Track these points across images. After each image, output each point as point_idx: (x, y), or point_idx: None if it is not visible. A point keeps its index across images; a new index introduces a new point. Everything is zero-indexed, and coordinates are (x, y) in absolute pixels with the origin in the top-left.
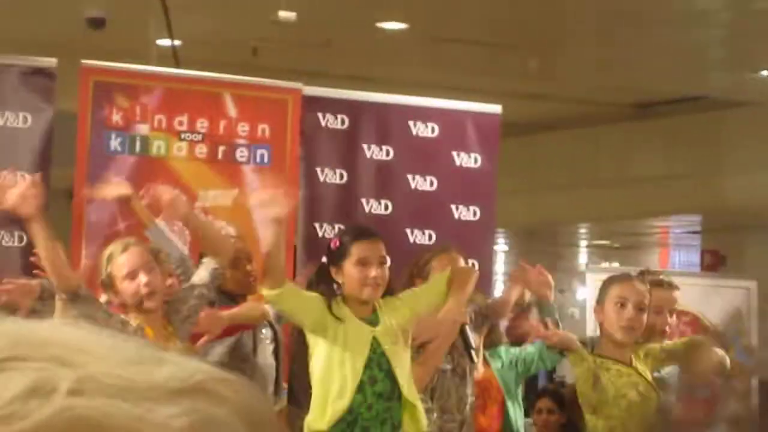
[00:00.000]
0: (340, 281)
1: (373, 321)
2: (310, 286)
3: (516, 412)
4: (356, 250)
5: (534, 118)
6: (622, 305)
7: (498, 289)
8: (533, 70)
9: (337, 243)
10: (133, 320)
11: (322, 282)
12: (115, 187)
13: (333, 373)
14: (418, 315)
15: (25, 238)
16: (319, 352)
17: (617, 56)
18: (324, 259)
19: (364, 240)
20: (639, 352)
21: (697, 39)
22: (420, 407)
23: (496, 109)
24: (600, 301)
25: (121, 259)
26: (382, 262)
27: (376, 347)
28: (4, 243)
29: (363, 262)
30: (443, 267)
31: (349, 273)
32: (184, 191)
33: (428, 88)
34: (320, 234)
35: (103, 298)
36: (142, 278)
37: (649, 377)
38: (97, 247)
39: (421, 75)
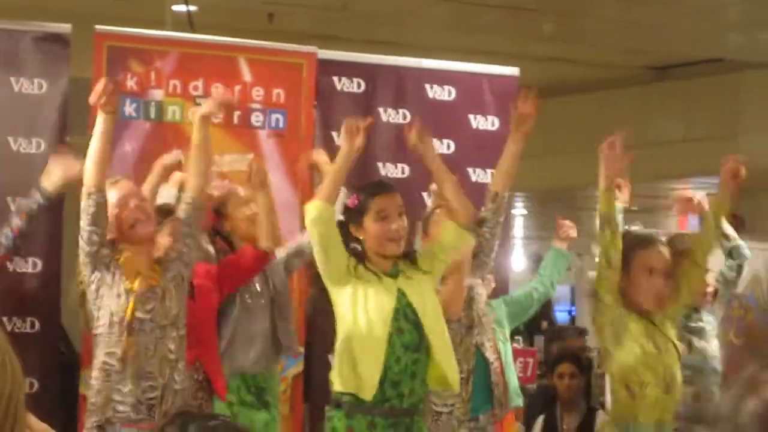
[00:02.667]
0: (361, 238)
1: (394, 274)
2: None
3: (506, 347)
4: (375, 205)
5: (552, 81)
6: (651, 273)
7: (517, 254)
8: (551, 33)
9: (355, 200)
10: (124, 251)
11: (343, 240)
12: None
13: (361, 328)
14: (430, 268)
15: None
16: (343, 305)
17: (635, 19)
18: (341, 218)
19: (382, 193)
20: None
21: (714, 0)
22: (449, 366)
23: (513, 71)
24: (623, 267)
25: (112, 192)
26: (401, 213)
27: (402, 298)
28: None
29: (383, 216)
30: (447, 215)
31: (370, 228)
32: None
33: (444, 51)
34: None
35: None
36: (132, 202)
37: (671, 334)
38: None
39: (437, 38)
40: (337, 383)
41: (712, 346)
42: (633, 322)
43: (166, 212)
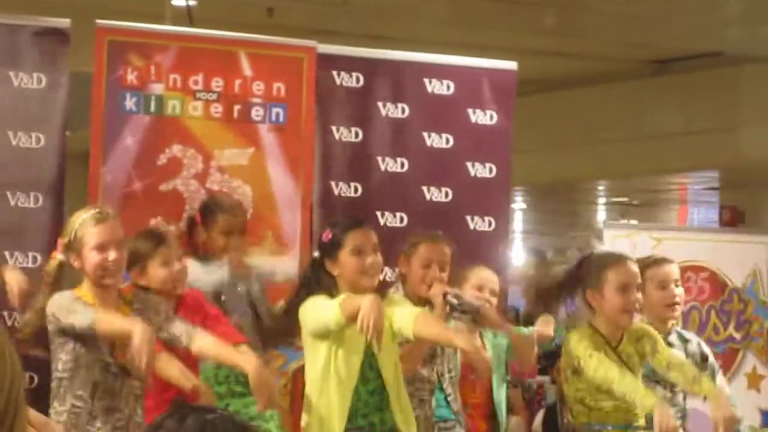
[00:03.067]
0: (335, 273)
1: None
2: (305, 281)
3: (500, 391)
4: (351, 240)
5: (550, 74)
6: (625, 290)
7: (516, 247)
8: (549, 27)
9: (329, 235)
10: (86, 290)
11: (318, 275)
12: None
13: (331, 385)
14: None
15: (41, 199)
16: (318, 361)
17: (634, 12)
18: (316, 254)
19: (358, 229)
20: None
21: None
22: (406, 421)
23: (511, 65)
24: (594, 285)
25: (96, 231)
26: (376, 250)
27: (367, 349)
28: (20, 204)
29: (358, 251)
30: (429, 255)
31: (345, 263)
32: (200, 151)
33: (443, 45)
34: (336, 192)
35: (60, 257)
36: (111, 254)
37: (633, 362)
38: (113, 208)
39: (436, 32)
40: (304, 420)
41: (678, 396)
42: (595, 352)
43: (157, 237)
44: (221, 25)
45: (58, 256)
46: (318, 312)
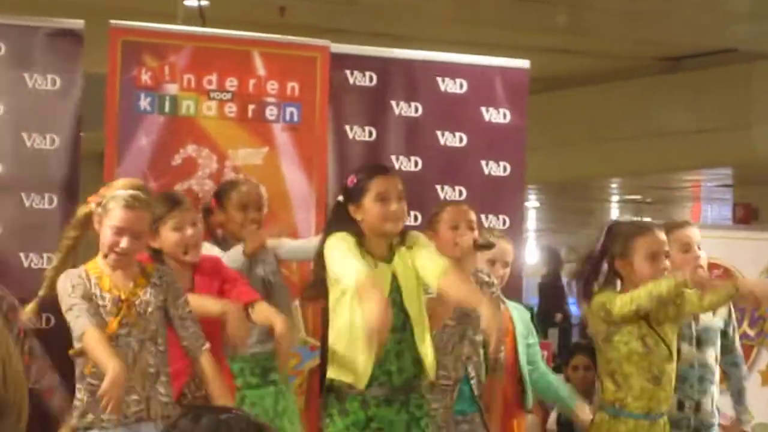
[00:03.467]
0: (359, 218)
1: (388, 258)
2: (329, 226)
3: (524, 357)
4: (375, 186)
5: (562, 72)
6: (654, 258)
7: (530, 246)
8: (561, 25)
9: (354, 180)
10: (101, 261)
11: (341, 220)
12: None
13: (354, 320)
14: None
15: (56, 200)
16: (338, 297)
17: (645, 10)
18: (340, 198)
19: (382, 175)
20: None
21: None
22: (426, 351)
23: (524, 64)
24: (622, 254)
25: (120, 212)
26: (401, 197)
27: (393, 282)
28: (34, 205)
29: (382, 197)
30: (452, 218)
31: (369, 208)
32: (214, 150)
33: (456, 44)
34: None
35: (93, 207)
36: (124, 241)
37: (667, 335)
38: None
39: (448, 31)
40: (331, 371)
41: (704, 355)
42: (626, 323)
43: (171, 200)
44: (233, 24)
45: (92, 206)
46: (339, 265)
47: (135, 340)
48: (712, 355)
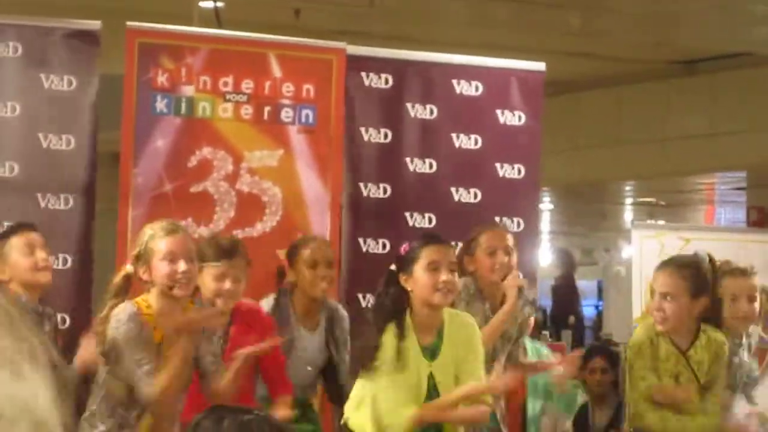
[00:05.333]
0: (409, 288)
1: (434, 350)
2: (380, 296)
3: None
4: (427, 254)
5: (577, 75)
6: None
7: (544, 248)
8: (576, 28)
9: (407, 248)
10: (152, 299)
11: (392, 289)
12: None
13: (391, 399)
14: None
15: (72, 201)
16: (369, 384)
17: (660, 13)
18: (393, 267)
19: (435, 244)
20: (709, 336)
21: None
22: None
23: (539, 66)
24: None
25: (166, 241)
26: (453, 269)
27: (431, 383)
28: (50, 206)
29: (434, 266)
30: (490, 244)
31: (419, 277)
32: (230, 152)
33: (471, 46)
34: (365, 193)
35: (129, 268)
36: (182, 265)
37: (702, 369)
38: (144, 209)
39: (463, 33)
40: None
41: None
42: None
43: (227, 250)
44: (248, 26)
45: (127, 267)
46: (383, 415)
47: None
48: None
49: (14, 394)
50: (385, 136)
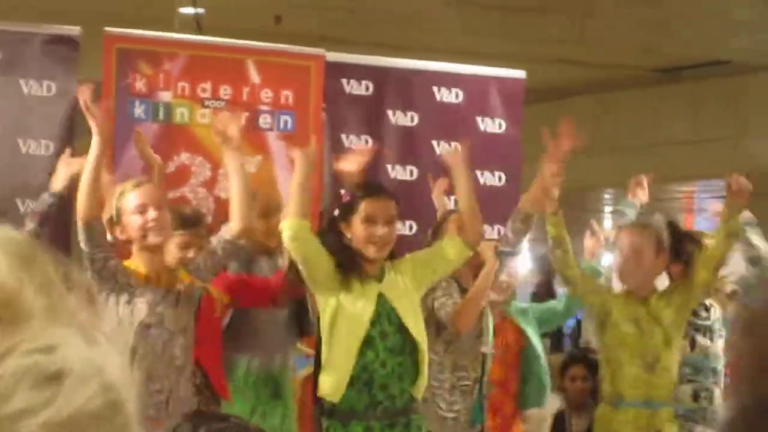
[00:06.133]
0: (348, 236)
1: (379, 278)
2: (320, 238)
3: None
4: (365, 207)
5: (561, 82)
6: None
7: (524, 256)
8: (557, 35)
9: (347, 197)
10: (136, 259)
11: (332, 234)
12: None
13: (340, 333)
14: (422, 277)
15: None
16: (326, 312)
17: (642, 21)
18: (336, 212)
19: (374, 198)
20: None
21: (722, 2)
22: (424, 373)
23: (520, 74)
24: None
25: (133, 195)
26: (389, 222)
27: (383, 302)
28: (29, 211)
29: (370, 220)
30: (456, 228)
31: (356, 229)
32: (208, 158)
33: (452, 53)
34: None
35: (108, 237)
36: (151, 213)
37: (664, 317)
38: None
39: (445, 41)
40: (319, 389)
41: (716, 346)
42: (618, 305)
43: (190, 220)
44: (229, 32)
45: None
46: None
47: (166, 331)
48: (722, 345)
49: (85, 354)
50: (366, 143)
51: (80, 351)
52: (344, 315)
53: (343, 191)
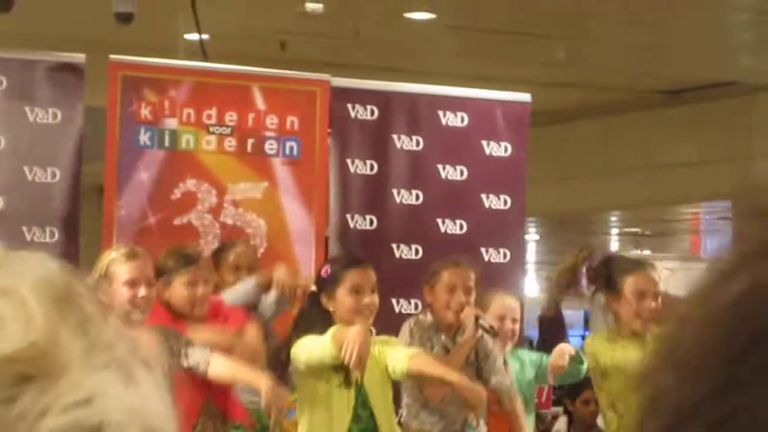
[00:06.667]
0: (331, 309)
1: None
2: (300, 315)
3: (528, 421)
4: (350, 278)
5: (563, 106)
6: (643, 296)
7: (530, 279)
8: (561, 58)
9: (329, 270)
10: None
11: (314, 311)
12: None
13: (320, 420)
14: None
15: (56, 234)
16: (311, 395)
17: (645, 42)
18: (313, 288)
19: (357, 267)
20: None
21: (725, 23)
22: None
23: (525, 97)
24: (617, 289)
25: (126, 267)
26: (374, 290)
27: (361, 389)
28: (35, 239)
29: (356, 290)
30: (451, 280)
31: (342, 301)
32: (214, 184)
33: (456, 77)
34: (352, 225)
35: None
36: (142, 291)
37: None
38: (128, 242)
39: (449, 65)
40: None
41: None
42: (619, 351)
43: (191, 257)
44: (234, 59)
45: None
46: (311, 348)
47: None
48: None
49: (125, 399)
50: (372, 167)
51: (119, 396)
52: (329, 406)
53: (324, 267)
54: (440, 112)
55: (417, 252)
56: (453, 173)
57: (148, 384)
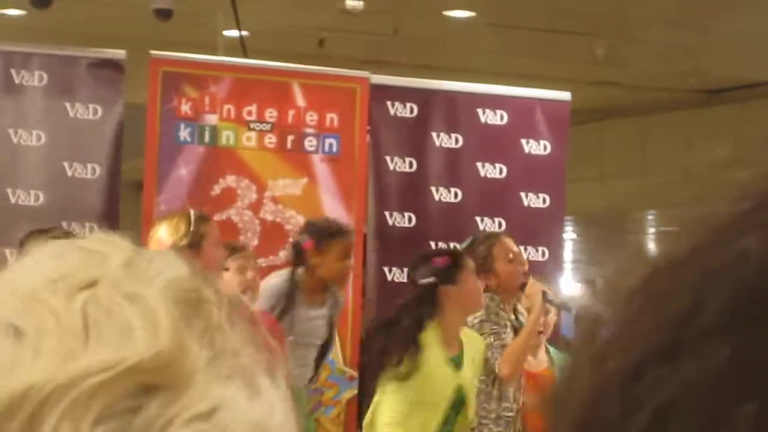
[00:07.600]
0: (450, 297)
1: (458, 361)
2: (404, 310)
3: None
4: (471, 262)
5: (603, 104)
6: None
7: (568, 278)
8: (601, 57)
9: (447, 259)
10: None
11: (425, 304)
12: None
13: (411, 420)
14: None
15: (95, 230)
16: (393, 391)
17: (686, 42)
18: (431, 280)
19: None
20: None
21: (765, 24)
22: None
23: (565, 96)
24: None
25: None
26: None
27: (458, 393)
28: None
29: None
30: (504, 256)
31: (465, 283)
32: (254, 181)
33: (495, 75)
34: (390, 222)
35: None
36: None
37: None
38: None
39: (488, 63)
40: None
41: None
42: None
43: (238, 246)
44: (272, 55)
45: None
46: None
47: None
48: None
49: (247, 411)
50: (411, 165)
51: (242, 409)
52: (417, 402)
53: (433, 257)
54: (479, 110)
55: None
56: (492, 171)
57: (272, 396)
